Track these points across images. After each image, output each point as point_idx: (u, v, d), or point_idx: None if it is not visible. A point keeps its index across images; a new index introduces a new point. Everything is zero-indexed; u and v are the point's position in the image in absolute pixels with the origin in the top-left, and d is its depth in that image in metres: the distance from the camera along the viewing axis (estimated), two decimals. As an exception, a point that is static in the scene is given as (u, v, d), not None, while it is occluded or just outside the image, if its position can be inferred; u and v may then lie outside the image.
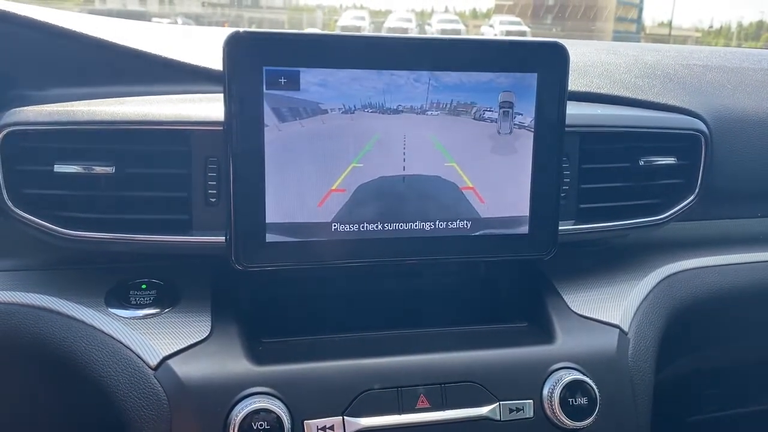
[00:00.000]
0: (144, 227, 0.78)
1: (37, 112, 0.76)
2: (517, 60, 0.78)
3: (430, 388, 0.76)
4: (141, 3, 18.84)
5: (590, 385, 0.78)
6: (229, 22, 16.46)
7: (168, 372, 0.73)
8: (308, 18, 20.21)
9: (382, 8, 22.08)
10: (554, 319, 0.86)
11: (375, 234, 0.77)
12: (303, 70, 0.72)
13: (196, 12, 17.33)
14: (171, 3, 19.60)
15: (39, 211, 0.76)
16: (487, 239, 0.81)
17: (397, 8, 21.28)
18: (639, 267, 0.97)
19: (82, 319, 0.77)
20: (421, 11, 22.84)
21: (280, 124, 0.73)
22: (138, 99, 0.83)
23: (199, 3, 18.83)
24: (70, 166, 0.76)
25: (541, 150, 0.80)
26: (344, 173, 0.76)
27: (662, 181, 0.94)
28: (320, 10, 22.00)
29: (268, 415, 0.70)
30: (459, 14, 25.31)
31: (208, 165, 0.78)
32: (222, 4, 19.70)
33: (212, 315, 0.80)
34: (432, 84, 0.76)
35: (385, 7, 22.20)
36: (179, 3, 19.43)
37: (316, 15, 20.80)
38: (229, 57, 0.70)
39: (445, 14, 22.85)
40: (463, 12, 28.06)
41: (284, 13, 21.39)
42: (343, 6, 23.84)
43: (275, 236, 0.75)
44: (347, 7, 23.58)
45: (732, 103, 1.06)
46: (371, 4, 27.05)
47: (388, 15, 19.68)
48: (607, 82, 1.04)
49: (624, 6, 24.67)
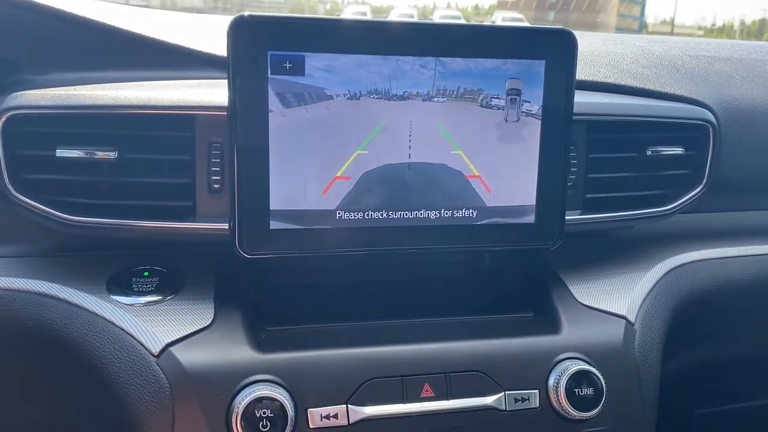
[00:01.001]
0: (146, 214, 0.77)
1: (40, 96, 0.75)
2: (525, 47, 0.77)
3: (435, 377, 0.75)
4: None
5: (596, 376, 0.77)
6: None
7: (170, 359, 0.72)
8: (310, 13, 20.20)
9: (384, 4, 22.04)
10: (560, 310, 0.85)
11: (380, 222, 0.77)
12: (308, 54, 0.72)
13: (198, 6, 17.31)
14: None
15: (41, 196, 0.75)
16: (493, 228, 0.80)
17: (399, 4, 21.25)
18: (646, 258, 0.96)
19: (83, 306, 0.77)
20: (423, 7, 22.81)
21: (285, 109, 0.72)
22: (141, 84, 0.82)
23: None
24: (72, 150, 0.75)
25: (549, 138, 0.79)
26: (349, 160, 0.75)
27: (669, 172, 0.93)
28: (322, 5, 21.98)
29: (271, 402, 0.69)
30: (461, 10, 25.29)
31: (212, 151, 0.77)
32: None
33: (215, 302, 0.79)
34: (438, 70, 0.75)
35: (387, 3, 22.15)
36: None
37: (317, 9, 20.78)
38: (233, 41, 0.70)
39: (447, 10, 22.83)
40: (465, 8, 28.02)
41: (286, 8, 21.37)
42: (345, 2, 23.80)
43: (279, 224, 0.74)
44: (349, 2, 23.55)
45: (740, 94, 1.05)
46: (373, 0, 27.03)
47: (390, 11, 19.66)
48: (614, 72, 1.03)
49: (626, 3, 24.63)
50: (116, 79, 0.83)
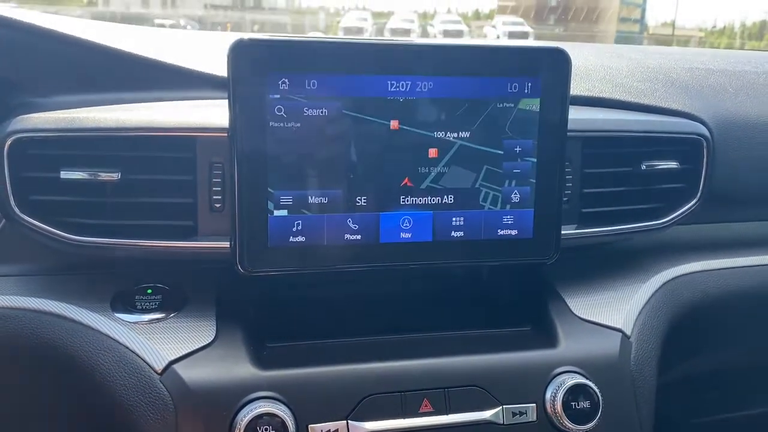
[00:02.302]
0: (149, 233, 0.78)
1: (43, 120, 0.77)
2: (520, 65, 0.78)
3: (434, 392, 0.76)
4: (144, 5, 18.89)
5: (593, 389, 0.78)
6: (231, 24, 16.47)
7: (174, 376, 0.74)
8: (311, 20, 20.23)
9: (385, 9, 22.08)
10: (557, 323, 0.86)
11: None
12: (308, 75, 0.73)
13: (198, 14, 17.36)
14: (174, 5, 19.64)
15: (45, 217, 0.77)
16: (490, 243, 0.81)
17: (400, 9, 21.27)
18: (641, 271, 0.97)
19: (88, 324, 0.78)
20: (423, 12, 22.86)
21: (285, 129, 0.73)
22: (143, 105, 0.84)
23: (201, 5, 18.86)
24: (76, 172, 0.76)
25: (544, 154, 0.80)
26: (349, 178, 0.76)
27: (664, 186, 0.94)
28: (323, 11, 22.02)
29: (272, 419, 0.70)
30: (461, 15, 25.31)
31: (213, 171, 0.79)
32: (224, 6, 19.73)
33: (217, 320, 0.80)
34: (437, 88, 0.77)
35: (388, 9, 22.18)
36: (182, 5, 19.48)
37: (318, 17, 20.82)
38: (233, 63, 0.71)
39: (448, 15, 22.84)
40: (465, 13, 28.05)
41: (287, 14, 21.42)
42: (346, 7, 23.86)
43: (279, 241, 0.75)
44: (350, 8, 23.60)
45: (734, 107, 1.06)
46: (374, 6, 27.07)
47: (390, 16, 19.68)
48: (609, 86, 1.04)
49: (627, 6, 24.65)
50: (118, 101, 0.85)
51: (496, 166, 0.79)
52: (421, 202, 0.78)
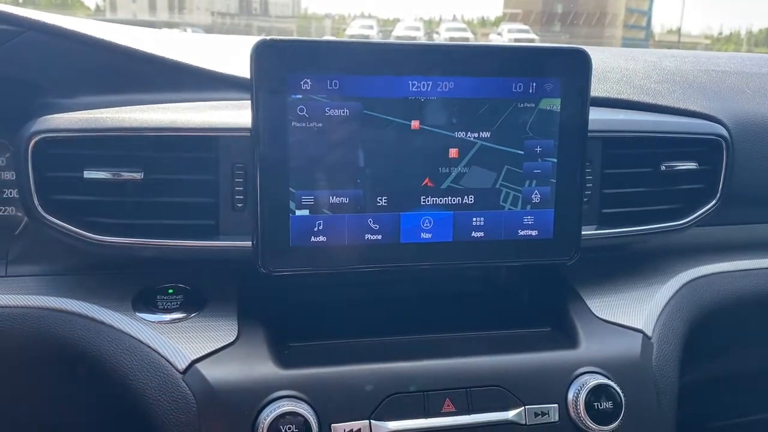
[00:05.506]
0: (171, 233, 0.79)
1: (67, 120, 0.77)
2: (541, 65, 0.78)
3: (456, 392, 0.76)
4: (151, 12, 18.98)
5: (615, 390, 0.78)
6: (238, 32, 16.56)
7: (196, 376, 0.74)
8: (317, 26, 20.30)
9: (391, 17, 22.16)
10: (578, 324, 0.86)
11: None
12: (330, 75, 0.73)
13: (205, 22, 17.45)
14: (180, 12, 19.74)
15: (69, 216, 0.77)
16: (511, 244, 0.81)
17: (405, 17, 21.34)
18: (661, 271, 0.97)
19: (110, 324, 0.78)
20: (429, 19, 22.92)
21: (306, 129, 0.74)
22: (165, 106, 0.84)
23: (208, 13, 18.95)
24: (99, 172, 0.77)
25: (564, 155, 0.80)
26: (371, 177, 0.76)
27: (684, 186, 0.94)
28: (329, 18, 22.10)
29: (295, 418, 0.70)
30: (467, 22, 25.36)
31: (235, 171, 0.79)
32: (231, 13, 19.82)
33: (239, 319, 0.80)
34: (457, 88, 0.77)
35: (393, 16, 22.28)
36: (189, 12, 19.57)
37: (324, 24, 20.90)
38: (256, 63, 0.71)
39: (453, 22, 22.88)
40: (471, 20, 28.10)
41: (293, 21, 21.50)
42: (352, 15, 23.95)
43: (301, 241, 0.76)
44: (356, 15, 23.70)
45: (752, 108, 1.06)
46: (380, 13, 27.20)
47: (396, 23, 19.74)
48: (627, 88, 1.04)
49: (633, 13, 24.65)
50: (140, 102, 0.85)
51: (517, 166, 0.80)
52: (441, 202, 0.78)
